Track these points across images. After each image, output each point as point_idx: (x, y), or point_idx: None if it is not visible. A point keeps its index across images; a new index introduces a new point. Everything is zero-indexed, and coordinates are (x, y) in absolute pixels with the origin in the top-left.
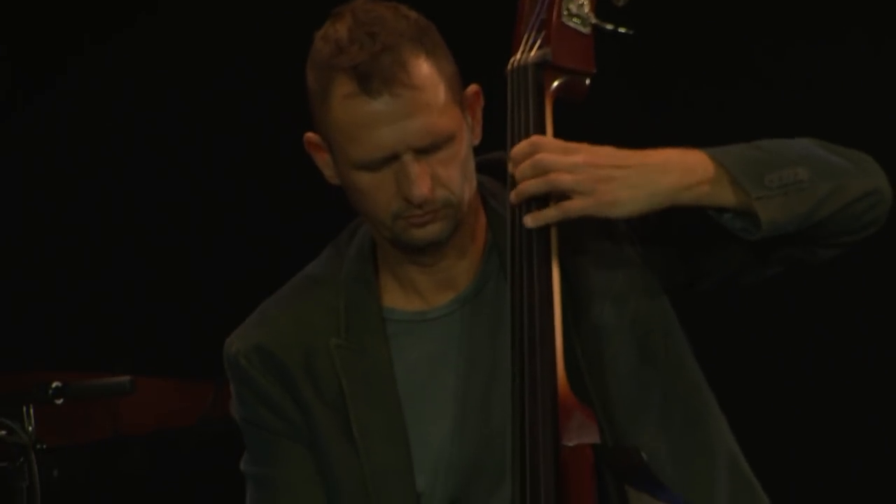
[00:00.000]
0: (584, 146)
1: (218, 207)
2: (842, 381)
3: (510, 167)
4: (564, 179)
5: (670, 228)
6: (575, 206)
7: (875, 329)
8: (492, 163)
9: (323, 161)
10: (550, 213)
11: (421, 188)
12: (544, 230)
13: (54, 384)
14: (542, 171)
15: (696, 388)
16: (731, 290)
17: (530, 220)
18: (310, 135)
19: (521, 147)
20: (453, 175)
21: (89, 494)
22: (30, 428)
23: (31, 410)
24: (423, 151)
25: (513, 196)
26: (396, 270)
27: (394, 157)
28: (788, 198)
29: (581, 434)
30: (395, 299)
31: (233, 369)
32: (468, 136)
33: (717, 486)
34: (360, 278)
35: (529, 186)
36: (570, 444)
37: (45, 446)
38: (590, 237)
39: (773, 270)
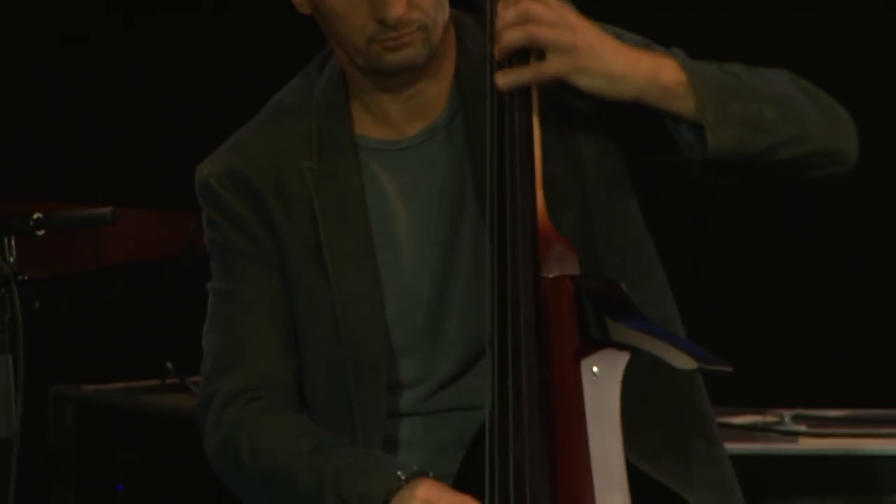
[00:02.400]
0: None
1: (208, 40)
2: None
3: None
4: (545, 33)
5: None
6: (549, 68)
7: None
8: None
9: None
10: (524, 74)
11: (396, 8)
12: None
13: (36, 215)
14: (525, 19)
15: (640, 245)
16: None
17: (501, 80)
18: None
19: None
20: None
21: (71, 325)
22: (11, 259)
23: (13, 241)
24: None
25: (493, 47)
26: (367, 100)
27: None
28: (743, 131)
29: (561, 265)
30: (367, 128)
31: (204, 192)
32: None
33: None
34: (331, 106)
35: (510, 36)
36: (550, 275)
37: (26, 277)
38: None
39: (712, 182)
